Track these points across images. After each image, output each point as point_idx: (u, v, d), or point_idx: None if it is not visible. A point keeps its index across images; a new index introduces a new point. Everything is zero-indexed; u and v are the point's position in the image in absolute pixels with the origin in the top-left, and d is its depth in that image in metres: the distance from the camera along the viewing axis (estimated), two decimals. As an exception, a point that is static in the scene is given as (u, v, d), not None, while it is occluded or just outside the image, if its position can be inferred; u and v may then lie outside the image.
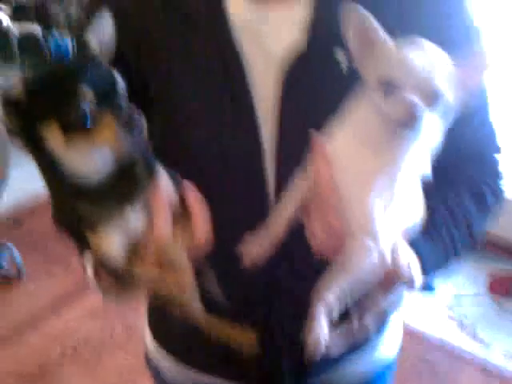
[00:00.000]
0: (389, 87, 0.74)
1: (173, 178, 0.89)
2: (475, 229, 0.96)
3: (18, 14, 4.27)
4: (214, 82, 0.91)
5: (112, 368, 2.58)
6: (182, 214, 0.87)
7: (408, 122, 0.74)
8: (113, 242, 0.83)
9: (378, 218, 0.80)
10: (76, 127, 0.74)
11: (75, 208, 0.82)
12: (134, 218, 0.83)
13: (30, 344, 2.69)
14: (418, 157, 0.80)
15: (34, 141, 0.77)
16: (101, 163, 0.79)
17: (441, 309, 2.74)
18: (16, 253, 3.08)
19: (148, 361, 1.21)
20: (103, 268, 0.88)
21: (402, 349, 1.19)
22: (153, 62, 0.90)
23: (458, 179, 0.98)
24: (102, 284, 0.93)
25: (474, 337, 2.63)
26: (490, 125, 1.00)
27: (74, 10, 4.28)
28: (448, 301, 2.78)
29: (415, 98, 0.73)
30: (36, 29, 4.15)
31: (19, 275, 3.05)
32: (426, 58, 0.74)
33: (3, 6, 3.97)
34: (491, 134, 1.01)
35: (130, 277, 0.86)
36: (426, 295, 2.79)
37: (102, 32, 0.82)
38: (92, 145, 0.75)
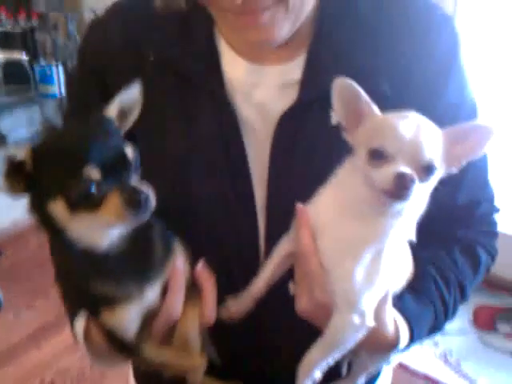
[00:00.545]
0: (378, 157, 0.73)
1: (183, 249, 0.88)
2: (467, 290, 0.96)
3: (4, 42, 4.27)
4: (210, 146, 0.91)
5: (91, 401, 2.53)
6: (189, 287, 0.87)
7: (397, 193, 0.71)
8: (129, 318, 0.81)
9: (364, 292, 0.77)
10: (81, 205, 0.72)
11: (89, 286, 0.80)
12: (152, 296, 0.82)
13: (9, 375, 2.64)
14: (404, 225, 0.78)
15: (40, 210, 0.76)
16: (108, 236, 0.78)
17: (426, 344, 2.73)
18: (-5, 283, 3.02)
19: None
20: (109, 341, 0.86)
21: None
22: (146, 122, 0.87)
23: (451, 239, 0.98)
24: (93, 348, 0.92)
25: (459, 372, 2.62)
26: (487, 186, 1.00)
27: (61, 38, 4.29)
28: (433, 337, 2.77)
29: (407, 169, 0.71)
30: (22, 56, 4.15)
31: (-2, 306, 2.99)
32: (417, 129, 0.72)
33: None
34: (489, 195, 1.01)
35: (137, 352, 0.85)
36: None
37: (130, 99, 0.81)
38: (98, 221, 0.74)
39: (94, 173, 0.71)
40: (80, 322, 0.92)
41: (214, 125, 0.90)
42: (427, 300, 0.90)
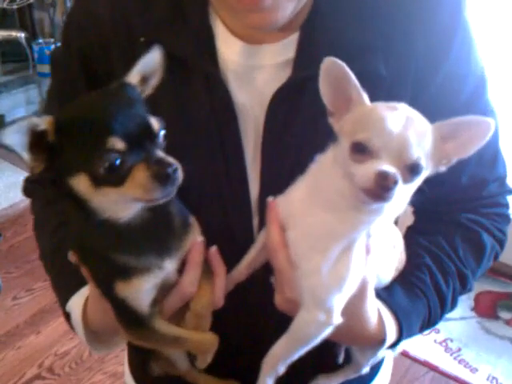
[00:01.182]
0: (362, 151, 0.67)
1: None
2: (470, 279, 0.93)
3: (1, 20, 4.22)
4: (203, 130, 0.88)
5: (89, 386, 2.53)
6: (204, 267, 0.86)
7: (378, 193, 0.66)
8: (146, 289, 0.79)
9: (332, 288, 0.74)
10: (106, 179, 0.69)
11: (107, 257, 0.77)
12: (170, 268, 0.80)
13: (7, 360, 2.64)
14: (381, 221, 0.74)
15: (61, 182, 0.73)
16: (131, 209, 0.75)
17: (426, 331, 2.72)
18: (-6, 267, 3.01)
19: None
20: (119, 314, 0.83)
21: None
22: None
23: (454, 223, 0.94)
24: (89, 329, 0.91)
25: (460, 359, 2.61)
26: (497, 165, 0.95)
27: (58, 17, 4.22)
28: (435, 324, 2.77)
29: (390, 168, 0.66)
30: (19, 35, 4.09)
31: (-3, 290, 2.98)
32: (406, 124, 0.66)
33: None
34: (498, 175, 0.96)
35: (148, 326, 0.82)
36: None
37: (150, 64, 0.78)
38: (123, 195, 0.71)
39: (118, 144, 0.68)
40: (78, 299, 0.91)
41: (207, 108, 0.87)
42: (420, 293, 0.87)
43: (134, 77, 0.76)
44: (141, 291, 0.78)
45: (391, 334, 0.83)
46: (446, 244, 0.91)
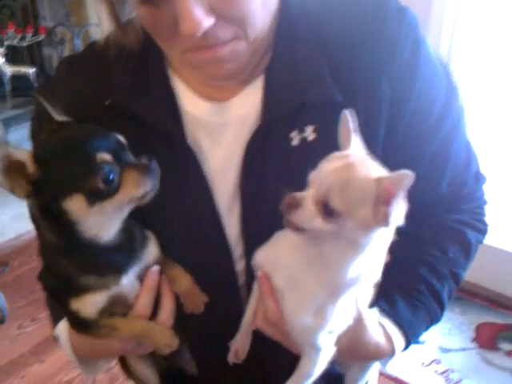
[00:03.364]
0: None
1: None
2: (461, 276, 0.99)
3: (12, 56, 4.32)
4: (174, 200, 0.92)
5: (93, 416, 2.52)
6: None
7: (285, 213, 0.72)
8: (96, 304, 0.85)
9: (317, 330, 0.80)
10: (101, 194, 0.77)
11: (68, 277, 0.84)
12: (126, 284, 0.86)
13: (11, 390, 2.63)
14: (364, 263, 0.77)
15: (47, 209, 0.79)
16: (116, 224, 0.83)
17: (427, 362, 2.73)
18: None
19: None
20: (70, 320, 0.90)
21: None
22: None
23: (440, 227, 0.99)
24: (75, 350, 0.96)
25: (461, 391, 2.61)
26: (470, 163, 0.99)
27: (67, 53, 4.33)
28: (434, 355, 2.76)
29: (301, 194, 0.71)
30: (29, 70, 4.19)
31: (2, 319, 2.99)
32: (340, 171, 0.69)
33: (-2, 49, 4.02)
34: (473, 171, 1.00)
35: (97, 329, 0.87)
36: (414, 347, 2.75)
37: None
38: (117, 205, 0.79)
39: (106, 157, 0.76)
40: (64, 324, 0.96)
41: (177, 177, 0.90)
42: (420, 304, 0.93)
43: None
44: (92, 306, 0.84)
45: (399, 345, 0.91)
46: (436, 250, 0.97)
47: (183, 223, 0.93)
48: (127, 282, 0.86)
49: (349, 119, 0.75)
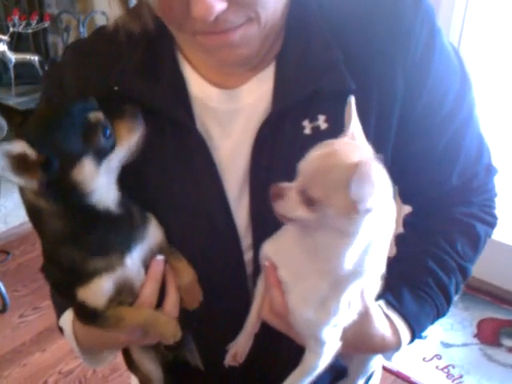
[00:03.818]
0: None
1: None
2: (469, 269, 0.98)
3: (16, 43, 4.30)
4: (183, 187, 0.91)
5: (94, 404, 2.53)
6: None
7: (271, 200, 0.73)
8: (104, 291, 0.84)
9: (322, 324, 0.79)
10: (105, 151, 0.79)
11: (73, 264, 0.83)
12: (130, 267, 0.86)
13: (13, 378, 2.65)
14: (360, 251, 0.76)
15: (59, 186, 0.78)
16: (117, 188, 0.85)
17: (429, 357, 2.72)
18: (1, 285, 3.03)
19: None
20: (77, 311, 0.90)
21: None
22: None
23: (450, 219, 0.98)
24: (80, 341, 0.96)
25: (462, 386, 2.61)
26: (482, 155, 0.98)
27: (72, 41, 4.31)
28: (436, 350, 2.76)
29: (284, 184, 0.73)
30: (33, 58, 4.17)
31: (4, 308, 3.00)
32: (320, 161, 0.70)
33: (3, 37, 4.00)
34: (484, 163, 0.99)
35: (106, 320, 0.87)
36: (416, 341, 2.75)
37: None
38: (120, 155, 0.81)
39: (99, 115, 0.79)
40: (69, 315, 0.96)
41: (186, 165, 0.90)
42: (426, 296, 0.93)
43: None
44: (99, 293, 0.84)
45: (405, 338, 0.91)
46: (444, 243, 0.96)
47: (192, 212, 0.93)
48: (132, 263, 0.86)
49: (353, 105, 0.75)
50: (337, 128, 0.83)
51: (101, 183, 0.80)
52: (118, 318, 0.86)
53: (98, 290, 0.84)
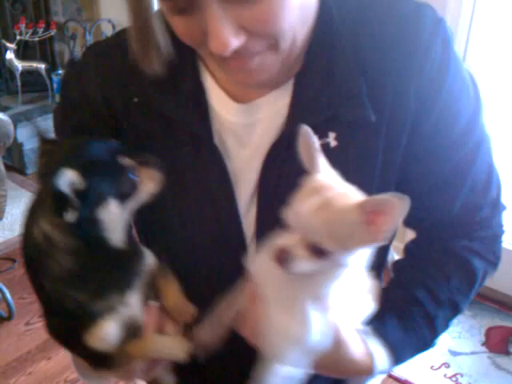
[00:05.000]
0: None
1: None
2: (461, 305, 0.95)
3: (23, 51, 4.33)
4: (197, 198, 0.92)
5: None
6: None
7: (280, 264, 0.72)
8: (112, 333, 0.83)
9: (290, 346, 0.78)
10: (128, 194, 0.81)
11: (75, 307, 0.82)
12: (134, 305, 0.85)
13: (18, 386, 2.63)
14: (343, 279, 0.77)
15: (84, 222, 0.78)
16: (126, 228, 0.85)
17: (437, 366, 2.70)
18: (7, 292, 3.02)
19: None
20: (91, 362, 0.89)
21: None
22: None
23: (447, 251, 0.96)
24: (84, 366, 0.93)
25: (470, 395, 2.59)
26: (490, 188, 0.96)
27: (78, 50, 4.33)
28: (444, 358, 2.74)
29: (288, 244, 0.71)
30: (40, 66, 4.20)
31: (10, 315, 3.00)
32: (318, 210, 0.69)
33: (9, 45, 4.03)
34: (492, 197, 0.96)
35: (119, 361, 0.85)
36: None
37: None
38: (140, 200, 0.84)
39: (127, 160, 0.81)
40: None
41: (201, 176, 0.91)
42: (409, 325, 0.91)
43: None
44: (108, 334, 0.82)
45: (382, 364, 0.87)
46: (439, 276, 0.94)
47: (203, 221, 0.93)
48: (134, 301, 0.85)
49: (310, 136, 0.74)
50: (345, 147, 0.85)
51: (119, 223, 0.82)
52: (125, 355, 0.85)
53: (108, 332, 0.82)
